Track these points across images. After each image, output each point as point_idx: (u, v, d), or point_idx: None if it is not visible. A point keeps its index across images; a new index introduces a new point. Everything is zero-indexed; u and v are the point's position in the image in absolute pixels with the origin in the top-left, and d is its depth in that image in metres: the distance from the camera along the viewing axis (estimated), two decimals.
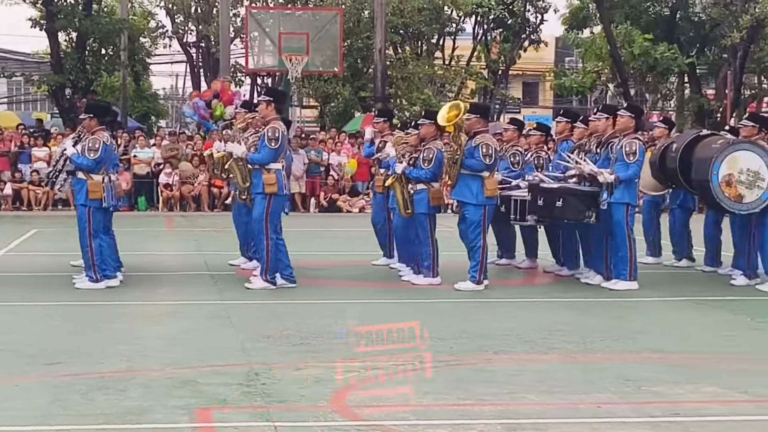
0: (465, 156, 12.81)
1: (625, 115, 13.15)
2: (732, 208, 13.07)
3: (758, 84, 44.49)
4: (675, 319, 11.31)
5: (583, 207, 13.02)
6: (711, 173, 12.86)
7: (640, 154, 12.83)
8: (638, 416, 6.98)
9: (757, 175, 12.84)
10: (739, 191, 12.86)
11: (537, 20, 45.14)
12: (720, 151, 12.98)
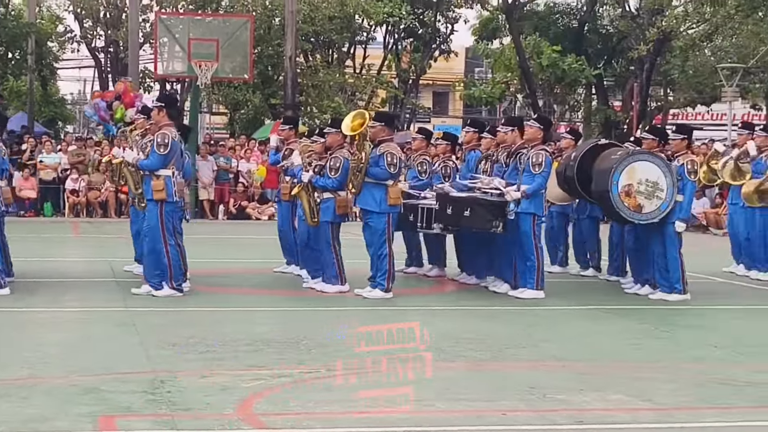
0: (369, 164, 12.82)
1: (534, 126, 13.27)
2: (631, 218, 13.18)
3: (664, 96, 45.15)
4: (581, 327, 11.42)
5: (490, 217, 13.08)
6: (611, 183, 12.98)
7: (547, 166, 12.96)
8: (543, 424, 7.02)
9: (656, 186, 12.99)
10: (638, 201, 13.00)
11: (447, 30, 45.38)
12: (619, 161, 13.12)
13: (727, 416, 7.30)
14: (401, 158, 13.21)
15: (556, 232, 16.14)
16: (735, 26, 35.43)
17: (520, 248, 13.07)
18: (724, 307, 13.21)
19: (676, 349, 10.25)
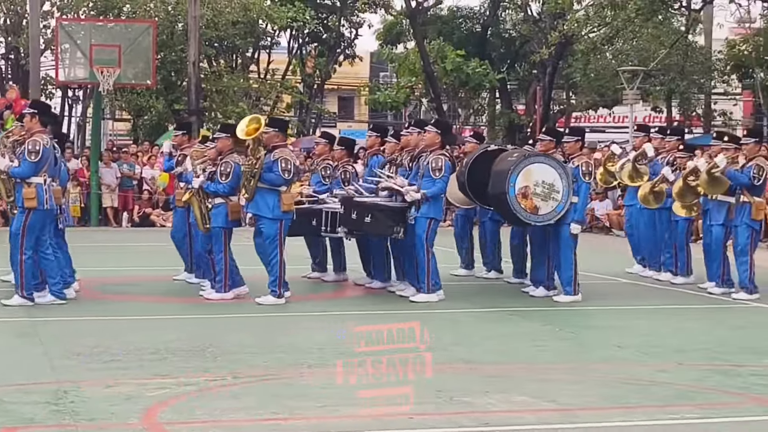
0: (263, 170, 12.77)
1: (431, 130, 13.33)
2: (528, 220, 13.28)
3: (566, 99, 45.59)
4: (487, 330, 11.48)
5: (391, 222, 13.11)
6: (508, 185, 13.04)
7: (446, 170, 13.02)
8: (450, 427, 7.05)
9: (552, 188, 13.11)
10: (535, 203, 13.10)
11: (352, 35, 45.42)
12: (516, 163, 13.20)
13: (631, 416, 7.38)
14: (296, 164, 13.20)
15: (461, 235, 16.23)
16: (635, 29, 35.87)
17: (414, 253, 13.12)
18: (627, 308, 13.36)
19: (580, 350, 10.35)
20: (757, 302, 13.50)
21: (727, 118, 42.61)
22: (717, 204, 13.92)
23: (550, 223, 13.27)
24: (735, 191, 13.68)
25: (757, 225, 13.87)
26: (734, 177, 13.61)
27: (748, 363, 9.52)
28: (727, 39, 40.84)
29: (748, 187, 13.61)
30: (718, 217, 13.88)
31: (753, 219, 13.64)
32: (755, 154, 13.82)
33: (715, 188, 13.84)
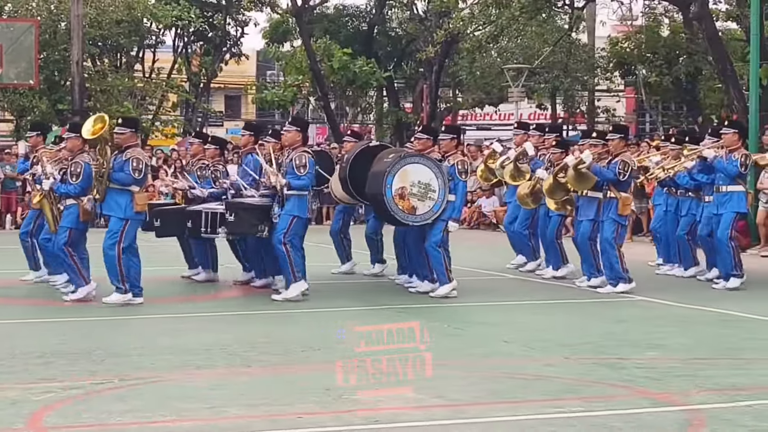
0: (114, 170, 12.62)
1: (291, 129, 13.29)
2: (406, 220, 13.32)
3: (453, 97, 45.87)
4: (375, 327, 11.49)
5: (255, 221, 13.05)
6: (384, 187, 13.07)
7: (310, 167, 12.96)
8: (339, 425, 7.06)
9: (428, 187, 13.17)
10: (412, 203, 13.15)
11: (238, 33, 45.16)
12: (392, 164, 13.23)
13: (518, 410, 7.47)
14: (147, 164, 13.06)
15: (336, 232, 16.29)
16: (520, 28, 36.16)
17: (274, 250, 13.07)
18: (514, 303, 13.50)
19: (467, 345, 10.42)
20: (640, 296, 13.75)
21: (611, 114, 43.22)
22: (587, 200, 14.13)
23: (427, 223, 13.32)
24: (602, 187, 13.89)
25: (623, 220, 14.09)
26: (600, 173, 13.82)
27: (632, 356, 9.67)
28: (609, 36, 41.47)
29: (614, 182, 13.81)
30: (588, 213, 14.08)
31: (620, 214, 13.86)
32: (621, 150, 14.05)
33: (582, 184, 14.04)
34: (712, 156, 14.44)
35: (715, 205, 14.55)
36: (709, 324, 11.78)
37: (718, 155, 14.43)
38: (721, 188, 14.46)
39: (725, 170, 14.33)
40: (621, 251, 13.94)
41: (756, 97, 24.05)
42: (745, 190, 14.58)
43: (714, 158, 14.40)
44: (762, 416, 7.18)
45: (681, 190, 15.72)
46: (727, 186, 14.40)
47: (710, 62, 31.46)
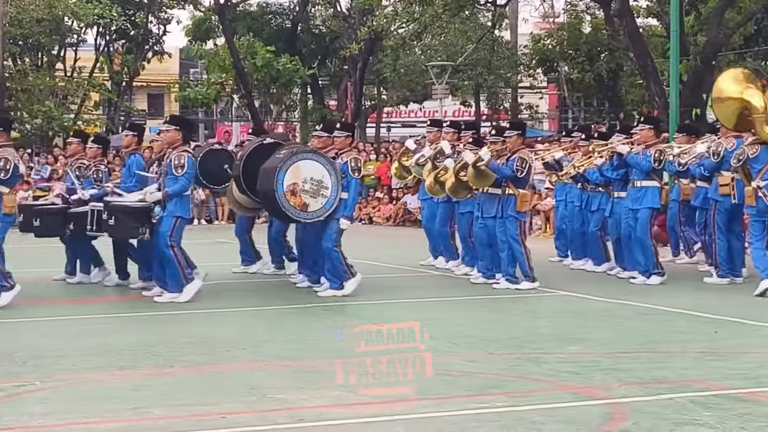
0: None
1: (170, 128, 13.11)
2: (297, 217, 13.20)
3: (378, 95, 45.95)
4: (298, 326, 11.51)
5: (136, 224, 12.83)
6: (276, 183, 12.92)
7: (189, 167, 12.78)
8: (263, 424, 7.03)
9: (320, 184, 13.05)
10: (304, 200, 13.02)
11: (160, 31, 44.90)
12: (284, 160, 13.07)
13: (443, 406, 7.48)
14: (16, 164, 12.74)
15: (238, 232, 16.28)
16: (443, 25, 36.35)
17: (158, 251, 12.92)
18: (436, 300, 13.52)
19: (392, 342, 10.41)
20: (563, 290, 13.88)
21: (534, 111, 43.56)
22: (488, 197, 14.17)
23: (319, 220, 13.24)
24: (501, 184, 13.95)
25: (522, 216, 14.16)
26: (498, 170, 13.87)
27: (554, 350, 9.75)
28: (532, 34, 41.78)
29: (512, 179, 13.88)
30: (490, 210, 14.11)
31: (518, 211, 13.93)
32: (518, 147, 14.09)
33: (481, 181, 14.06)
34: (626, 151, 14.59)
35: (630, 201, 14.68)
36: (630, 318, 11.89)
37: (632, 151, 14.58)
38: (636, 183, 14.62)
39: (639, 166, 14.48)
40: (527, 248, 14.02)
41: (676, 92, 24.38)
42: (659, 186, 14.73)
43: (628, 154, 14.55)
44: (683, 409, 7.26)
45: (591, 185, 15.87)
46: (641, 181, 14.56)
47: (631, 59, 31.80)
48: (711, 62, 28.39)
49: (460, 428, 6.92)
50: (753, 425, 6.81)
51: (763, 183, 13.35)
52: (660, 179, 14.86)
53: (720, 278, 14.55)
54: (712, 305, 12.62)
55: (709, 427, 6.77)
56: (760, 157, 13.42)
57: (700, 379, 8.35)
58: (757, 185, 13.37)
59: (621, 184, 15.02)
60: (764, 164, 13.40)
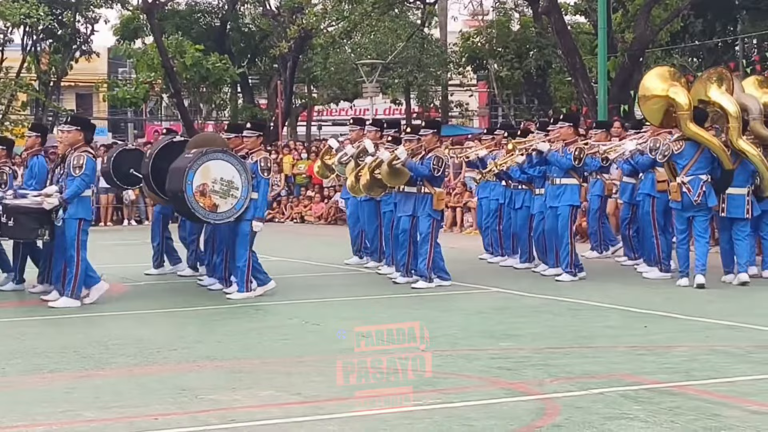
0: None
1: (71, 129, 12.89)
2: (207, 218, 13.04)
3: (308, 93, 45.89)
4: (231, 326, 11.46)
5: (35, 225, 12.67)
6: (185, 183, 12.75)
7: (88, 168, 12.61)
8: (195, 425, 6.99)
9: (230, 185, 12.90)
10: (213, 201, 12.86)
11: (88, 31, 44.48)
12: (193, 160, 12.90)
13: (375, 404, 7.48)
14: None
15: (153, 231, 16.21)
16: (373, 23, 36.38)
17: (65, 254, 12.72)
18: (369, 298, 13.51)
19: (325, 341, 10.42)
20: (493, 287, 13.95)
21: (464, 109, 43.70)
22: (404, 195, 14.16)
23: (229, 221, 13.10)
24: (416, 182, 13.94)
25: (438, 215, 14.14)
26: (414, 168, 13.86)
27: (486, 347, 9.79)
28: (461, 32, 41.92)
29: (428, 178, 13.89)
30: (406, 209, 14.09)
31: (434, 209, 13.93)
32: (434, 145, 14.09)
33: (395, 180, 14.03)
34: (546, 149, 14.66)
35: (550, 198, 14.76)
36: (561, 314, 11.96)
37: (552, 148, 14.65)
38: (555, 181, 14.68)
39: (559, 163, 14.56)
40: (433, 247, 13.95)
41: (604, 89, 24.61)
42: (579, 183, 14.80)
43: (548, 151, 14.62)
44: (614, 403, 7.32)
45: (514, 183, 15.94)
46: (561, 179, 14.63)
47: (560, 56, 32.01)
48: (638, 59, 28.69)
49: (392, 426, 6.92)
50: (683, 418, 6.87)
51: (687, 178, 13.61)
52: (579, 177, 14.91)
53: (663, 273, 14.67)
54: (643, 300, 12.74)
55: (639, 421, 6.82)
56: (685, 152, 13.72)
57: (631, 373, 8.42)
58: (682, 181, 13.63)
59: (542, 181, 15.09)
60: (689, 160, 13.69)
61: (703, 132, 13.70)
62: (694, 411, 7.08)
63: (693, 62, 38.53)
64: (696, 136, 13.70)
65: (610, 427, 6.68)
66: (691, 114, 13.68)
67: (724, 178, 13.83)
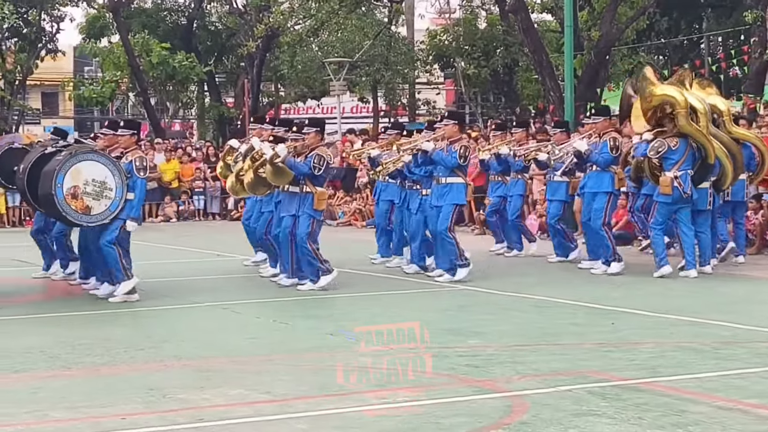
0: None
1: None
2: (80, 221, 12.71)
3: (275, 91, 45.80)
4: (199, 325, 11.44)
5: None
6: (55, 186, 12.41)
7: None
8: (163, 425, 6.97)
9: (103, 185, 12.58)
10: (86, 203, 12.54)
11: (53, 29, 44.22)
12: (63, 162, 12.56)
13: (344, 401, 7.48)
14: None
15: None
16: (340, 21, 36.39)
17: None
18: (328, 296, 13.48)
19: (294, 339, 10.42)
20: (460, 284, 13.97)
21: (431, 107, 43.73)
22: (288, 195, 13.91)
23: (104, 223, 12.79)
24: (299, 182, 13.70)
25: (318, 215, 13.85)
26: (294, 167, 13.65)
27: (454, 344, 9.79)
28: (428, 29, 41.92)
29: (309, 176, 13.65)
30: (290, 208, 13.83)
31: (315, 209, 13.69)
32: (316, 143, 13.82)
33: (279, 179, 13.79)
34: (431, 148, 14.49)
35: (435, 197, 14.54)
36: (528, 311, 12.00)
37: (437, 147, 14.47)
38: (441, 180, 14.52)
39: (444, 162, 14.38)
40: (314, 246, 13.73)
41: (571, 87, 24.68)
42: (464, 182, 14.57)
43: (433, 150, 14.45)
44: (582, 400, 7.34)
45: (409, 182, 15.62)
46: (446, 178, 14.45)
47: (526, 54, 32.10)
48: (605, 57, 28.83)
49: (361, 424, 6.93)
50: (650, 415, 6.91)
51: (680, 173, 14.01)
52: (465, 175, 14.68)
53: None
54: (610, 296, 12.81)
55: (607, 418, 6.85)
56: (680, 148, 14.22)
57: (598, 370, 8.45)
58: (675, 175, 14.11)
59: (428, 181, 14.92)
60: (682, 155, 14.22)
61: (695, 128, 14.30)
62: (662, 407, 7.11)
63: (659, 60, 38.72)
64: (695, 133, 14.29)
65: (578, 424, 6.71)
66: (688, 112, 14.19)
67: (702, 172, 14.48)
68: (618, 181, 15.23)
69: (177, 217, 29.56)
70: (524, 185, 17.74)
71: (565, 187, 16.50)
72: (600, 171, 15.22)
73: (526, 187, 17.67)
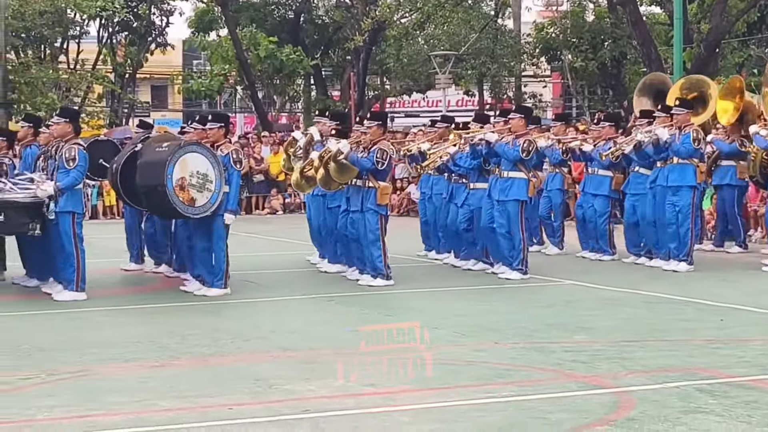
0: None
1: (60, 121, 12.82)
2: (187, 213, 12.66)
3: (381, 85, 45.88)
4: (305, 317, 11.51)
5: (26, 219, 12.49)
6: (165, 177, 12.40)
7: (81, 160, 12.51)
8: (269, 415, 7.02)
9: (205, 178, 12.58)
10: (191, 195, 12.53)
11: (163, 23, 44.85)
12: (171, 153, 12.59)
13: (447, 395, 7.48)
14: None
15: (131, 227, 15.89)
16: (446, 14, 36.28)
17: (62, 250, 12.60)
18: (440, 290, 13.47)
19: (397, 333, 10.40)
20: (568, 280, 13.88)
21: (537, 100, 43.45)
22: (355, 189, 13.76)
23: (206, 215, 12.77)
24: (363, 176, 13.56)
25: (383, 210, 13.69)
26: (357, 162, 13.50)
27: (560, 340, 9.73)
28: (535, 22, 41.64)
29: (372, 171, 13.50)
30: (356, 203, 13.68)
31: (378, 204, 13.54)
32: (379, 137, 13.71)
33: (344, 175, 13.67)
34: (494, 139, 14.19)
35: (496, 191, 14.22)
36: (636, 306, 11.88)
37: (501, 139, 14.18)
38: (503, 173, 14.22)
39: (506, 154, 14.09)
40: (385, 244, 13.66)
41: None
42: (527, 178, 14.18)
43: (497, 142, 14.16)
44: (689, 397, 7.26)
45: (455, 177, 15.34)
46: (508, 172, 14.17)
47: (635, 47, 31.74)
48: (714, 50, 28.36)
49: (466, 418, 6.91)
50: (759, 413, 6.80)
51: None
52: (527, 170, 14.29)
53: None
54: (719, 293, 12.63)
55: (715, 415, 6.76)
56: None
57: (707, 366, 8.35)
58: None
59: (475, 174, 14.75)
60: None
61: None
62: None
63: None
64: None
65: (685, 421, 6.63)
66: None
67: None
68: (700, 174, 14.96)
69: (283, 210, 29.82)
70: (563, 179, 17.31)
71: (609, 182, 16.14)
72: (682, 164, 14.79)
73: (564, 181, 17.32)
